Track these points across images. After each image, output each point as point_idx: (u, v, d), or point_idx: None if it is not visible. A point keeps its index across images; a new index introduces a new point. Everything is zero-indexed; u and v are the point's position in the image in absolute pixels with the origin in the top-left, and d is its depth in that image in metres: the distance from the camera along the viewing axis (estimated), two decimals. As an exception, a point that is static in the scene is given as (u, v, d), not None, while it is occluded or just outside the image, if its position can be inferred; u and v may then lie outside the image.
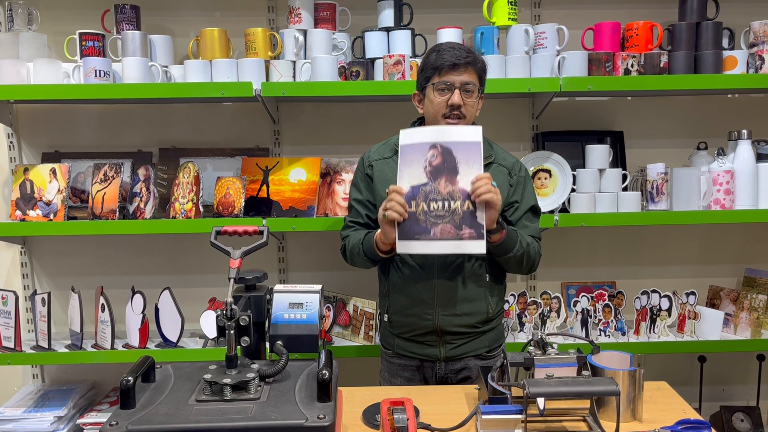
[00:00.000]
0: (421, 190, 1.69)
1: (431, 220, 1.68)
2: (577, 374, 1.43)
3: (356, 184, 1.97)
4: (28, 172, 2.39)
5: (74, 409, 2.44)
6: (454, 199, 1.67)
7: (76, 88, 2.24)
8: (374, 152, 1.95)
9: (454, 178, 1.68)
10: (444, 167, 1.68)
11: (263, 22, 2.53)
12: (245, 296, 1.41)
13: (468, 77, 1.78)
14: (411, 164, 1.71)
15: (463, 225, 1.67)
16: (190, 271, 2.63)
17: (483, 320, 1.88)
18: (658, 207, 2.32)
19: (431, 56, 1.81)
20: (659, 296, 2.38)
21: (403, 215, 1.69)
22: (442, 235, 1.67)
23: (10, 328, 2.38)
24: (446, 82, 1.77)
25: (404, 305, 1.88)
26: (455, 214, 1.67)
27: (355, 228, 1.95)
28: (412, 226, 1.69)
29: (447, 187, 1.68)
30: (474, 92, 1.79)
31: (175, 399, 1.23)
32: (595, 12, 2.52)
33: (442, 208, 1.68)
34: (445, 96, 1.78)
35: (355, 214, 1.96)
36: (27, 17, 2.38)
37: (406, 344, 1.92)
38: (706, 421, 1.40)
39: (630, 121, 2.61)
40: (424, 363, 1.91)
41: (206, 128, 2.59)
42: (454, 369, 1.89)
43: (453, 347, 1.87)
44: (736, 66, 2.31)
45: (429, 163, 1.69)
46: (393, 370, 1.97)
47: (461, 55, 1.77)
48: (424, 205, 1.68)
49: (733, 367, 2.72)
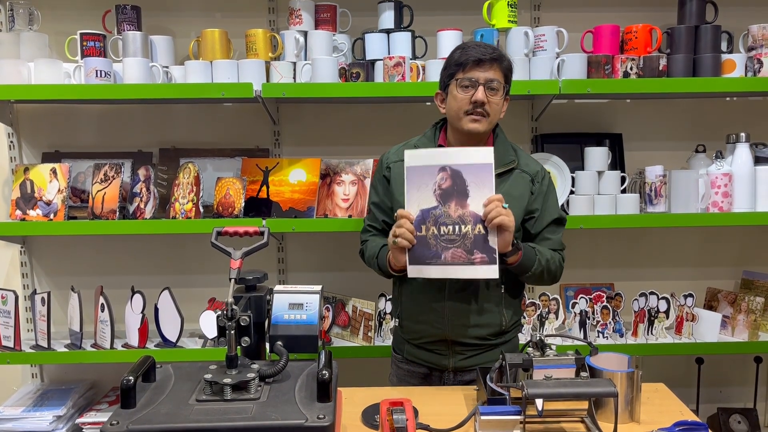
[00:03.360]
0: (431, 214, 1.66)
1: (442, 245, 1.65)
2: (576, 375, 1.44)
3: (375, 185, 1.94)
4: (29, 171, 2.39)
5: (73, 408, 2.44)
6: (465, 222, 1.64)
7: (76, 88, 2.24)
8: (393, 154, 1.89)
9: (464, 201, 1.64)
10: (454, 190, 1.65)
11: (264, 23, 2.54)
12: (245, 297, 1.41)
13: (493, 74, 1.71)
14: (420, 187, 1.67)
15: (475, 249, 1.63)
16: (189, 271, 2.63)
17: (495, 333, 1.82)
18: (657, 209, 2.33)
19: (455, 53, 1.76)
20: (657, 298, 2.39)
21: (412, 242, 1.66)
22: (453, 260, 1.64)
23: (9, 327, 2.38)
24: (470, 79, 1.71)
25: (415, 312, 1.84)
26: (466, 238, 1.64)
27: (372, 233, 1.92)
28: (423, 250, 1.66)
29: (457, 210, 1.64)
30: (499, 90, 1.73)
31: (176, 399, 1.23)
32: (595, 15, 2.53)
33: (452, 232, 1.64)
34: (468, 93, 1.71)
35: (372, 218, 1.93)
36: (28, 17, 2.38)
37: (415, 351, 1.88)
38: (703, 423, 1.41)
39: (629, 124, 2.62)
40: (432, 371, 1.87)
41: (206, 129, 2.59)
42: (464, 380, 1.84)
43: (463, 358, 1.82)
44: (735, 69, 2.32)
45: (438, 186, 1.65)
46: (401, 375, 1.94)
47: (487, 51, 1.71)
48: (435, 229, 1.65)
49: (731, 369, 2.73)
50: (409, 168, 1.69)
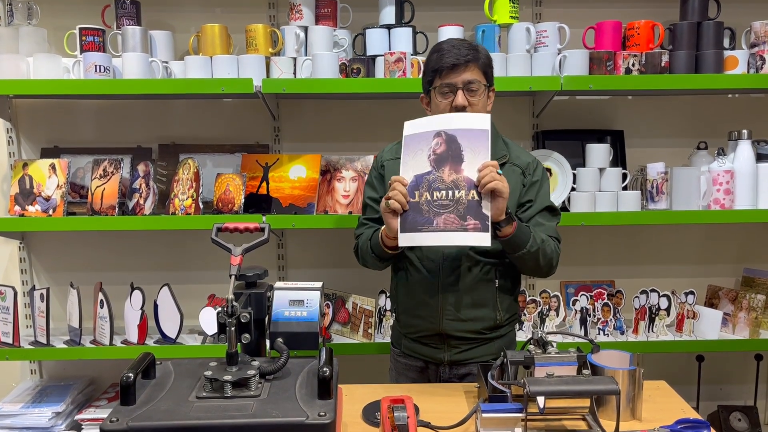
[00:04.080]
0: (424, 179, 1.62)
1: (434, 210, 1.60)
2: (577, 373, 1.43)
3: (370, 182, 1.93)
4: (28, 167, 2.38)
5: (72, 404, 2.44)
6: (459, 188, 1.59)
7: (75, 83, 2.23)
8: (387, 152, 1.90)
9: (458, 167, 1.60)
10: (448, 155, 1.61)
11: (264, 19, 2.52)
12: (246, 293, 1.41)
13: (470, 75, 1.71)
14: (415, 153, 1.65)
15: (468, 215, 1.58)
16: (189, 267, 2.62)
17: (490, 327, 1.82)
18: (658, 206, 2.33)
19: (432, 58, 1.75)
20: (658, 295, 2.38)
21: (404, 205, 1.62)
22: (445, 226, 1.59)
23: (8, 323, 2.37)
24: (448, 84, 1.71)
25: (411, 306, 1.85)
26: (459, 204, 1.59)
27: (368, 225, 1.90)
28: (415, 216, 1.62)
29: (451, 175, 1.60)
30: (479, 90, 1.72)
31: (176, 396, 1.23)
32: (597, 11, 2.51)
33: (445, 197, 1.60)
34: (448, 98, 1.72)
35: (370, 211, 1.91)
36: (27, 12, 2.37)
37: (412, 344, 1.89)
38: (705, 421, 1.41)
39: (630, 121, 2.61)
40: (428, 365, 1.88)
41: (206, 124, 2.58)
42: (459, 374, 1.85)
43: (458, 352, 1.83)
44: (737, 66, 2.31)
45: (433, 151, 1.63)
46: (399, 369, 1.95)
47: (461, 53, 1.70)
48: (428, 194, 1.61)
49: (731, 367, 2.73)
50: (407, 137, 1.68)
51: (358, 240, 1.92)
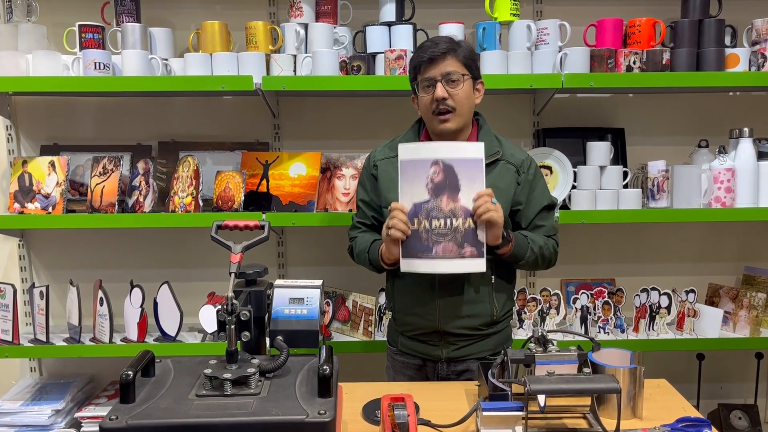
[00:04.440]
0: (423, 208, 1.67)
1: (433, 238, 1.67)
2: (578, 371, 1.43)
3: (362, 183, 1.95)
4: (27, 164, 2.38)
5: (72, 402, 2.44)
6: (456, 216, 1.66)
7: (75, 80, 2.22)
8: (379, 152, 1.91)
9: (456, 196, 1.66)
10: (446, 184, 1.66)
11: (264, 16, 2.52)
12: (246, 291, 1.40)
13: (448, 67, 1.72)
14: (413, 181, 1.68)
15: (465, 243, 1.66)
16: (188, 265, 2.62)
17: (487, 323, 1.84)
18: (659, 204, 2.32)
19: (414, 56, 1.80)
20: (659, 294, 2.38)
21: (407, 233, 1.67)
22: (444, 254, 1.66)
23: (8, 321, 2.37)
24: (428, 78, 1.74)
25: (407, 304, 1.86)
26: (457, 232, 1.66)
27: (362, 229, 1.93)
28: (415, 244, 1.68)
29: (449, 204, 1.66)
30: (459, 81, 1.73)
31: (175, 394, 1.22)
32: (598, 8, 2.51)
33: (444, 226, 1.66)
34: (430, 92, 1.75)
35: (362, 214, 1.94)
36: (26, 8, 2.36)
37: (409, 342, 1.90)
38: (706, 419, 1.40)
39: (631, 118, 2.60)
40: (426, 362, 1.89)
41: (206, 122, 2.57)
42: (456, 370, 1.86)
43: (455, 348, 1.84)
44: (738, 64, 2.30)
45: (431, 180, 1.67)
46: (397, 367, 1.96)
47: (439, 47, 1.73)
48: (426, 222, 1.67)
49: (732, 365, 2.73)
50: (403, 161, 1.70)
51: (352, 243, 1.94)
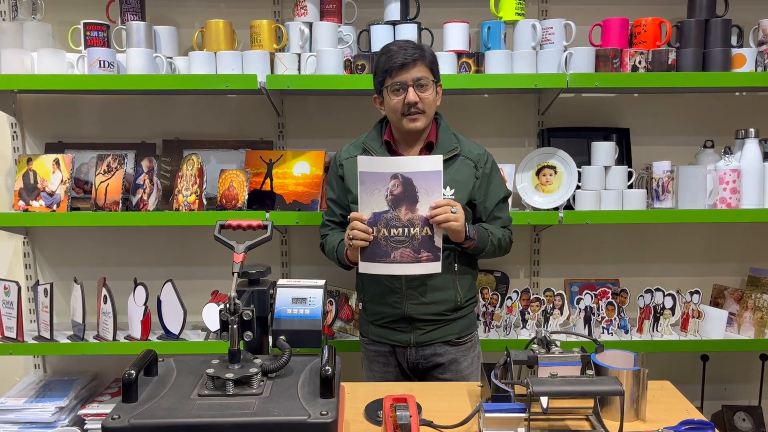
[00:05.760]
0: (382, 217, 1.80)
1: (392, 245, 1.80)
2: (581, 373, 1.42)
3: (330, 183, 2.05)
4: (32, 162, 2.38)
5: (76, 399, 2.44)
6: (414, 225, 1.79)
7: (80, 78, 2.23)
8: (344, 151, 2.00)
9: (413, 207, 1.79)
10: (405, 196, 1.78)
11: (269, 14, 2.52)
12: (248, 291, 1.40)
13: (419, 72, 1.82)
14: (372, 193, 1.79)
15: (422, 249, 1.80)
16: (192, 263, 2.62)
17: (451, 308, 1.95)
18: (664, 205, 2.31)
19: (381, 59, 1.86)
20: (663, 295, 2.37)
21: (368, 240, 1.80)
22: (401, 259, 1.80)
23: (12, 318, 2.38)
24: (399, 83, 1.83)
25: (376, 294, 1.96)
26: (414, 239, 1.79)
27: (331, 227, 2.05)
28: (374, 249, 1.81)
29: (407, 214, 1.79)
30: (428, 86, 1.84)
31: (178, 393, 1.22)
32: (603, 8, 2.49)
33: (401, 234, 1.79)
34: (400, 96, 1.83)
35: (331, 212, 2.05)
36: (31, 6, 2.37)
37: (379, 330, 2.00)
38: (710, 422, 1.40)
39: (636, 118, 2.59)
40: (396, 349, 1.99)
41: (210, 120, 2.58)
42: (424, 355, 1.97)
43: (422, 333, 1.95)
44: (745, 64, 2.29)
45: (390, 192, 1.78)
46: (370, 356, 2.05)
47: (408, 53, 1.81)
48: (385, 230, 1.80)
49: (736, 367, 2.72)
50: (362, 173, 1.80)
51: (323, 240, 2.07)
